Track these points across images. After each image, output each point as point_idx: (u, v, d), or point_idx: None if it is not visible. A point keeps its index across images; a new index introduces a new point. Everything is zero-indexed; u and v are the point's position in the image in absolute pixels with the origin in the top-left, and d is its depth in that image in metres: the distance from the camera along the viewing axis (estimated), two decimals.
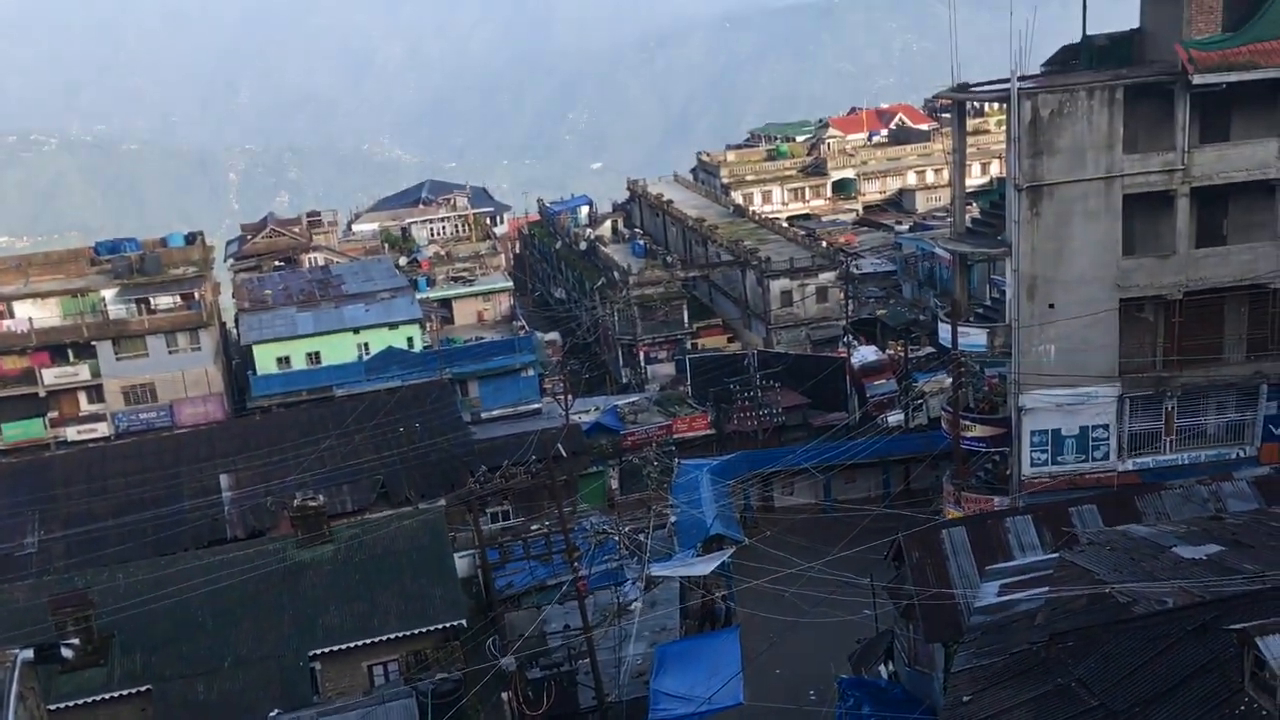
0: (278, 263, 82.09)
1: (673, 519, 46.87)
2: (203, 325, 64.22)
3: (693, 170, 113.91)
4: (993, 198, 50.84)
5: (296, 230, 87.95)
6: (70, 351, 63.21)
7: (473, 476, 48.67)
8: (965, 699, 21.03)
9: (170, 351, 63.77)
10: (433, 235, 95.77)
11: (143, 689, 30.74)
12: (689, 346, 74.88)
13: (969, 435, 42.82)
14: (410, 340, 65.01)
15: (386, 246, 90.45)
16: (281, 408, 60.84)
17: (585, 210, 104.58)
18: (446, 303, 78.09)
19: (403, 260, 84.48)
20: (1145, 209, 39.08)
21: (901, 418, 56.54)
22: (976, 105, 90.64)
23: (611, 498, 56.69)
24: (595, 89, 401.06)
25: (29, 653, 22.78)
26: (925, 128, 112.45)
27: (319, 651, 31.76)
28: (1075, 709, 19.02)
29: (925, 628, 29.60)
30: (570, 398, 62.45)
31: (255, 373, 63.34)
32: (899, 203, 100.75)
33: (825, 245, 78.89)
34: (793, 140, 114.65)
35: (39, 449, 60.44)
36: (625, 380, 75.77)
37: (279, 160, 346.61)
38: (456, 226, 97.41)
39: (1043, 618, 22.98)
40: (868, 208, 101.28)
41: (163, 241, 72.68)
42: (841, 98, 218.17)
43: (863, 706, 30.92)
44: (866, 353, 65.16)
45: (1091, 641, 20.54)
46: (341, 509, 47.40)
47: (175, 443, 54.66)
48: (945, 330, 42.86)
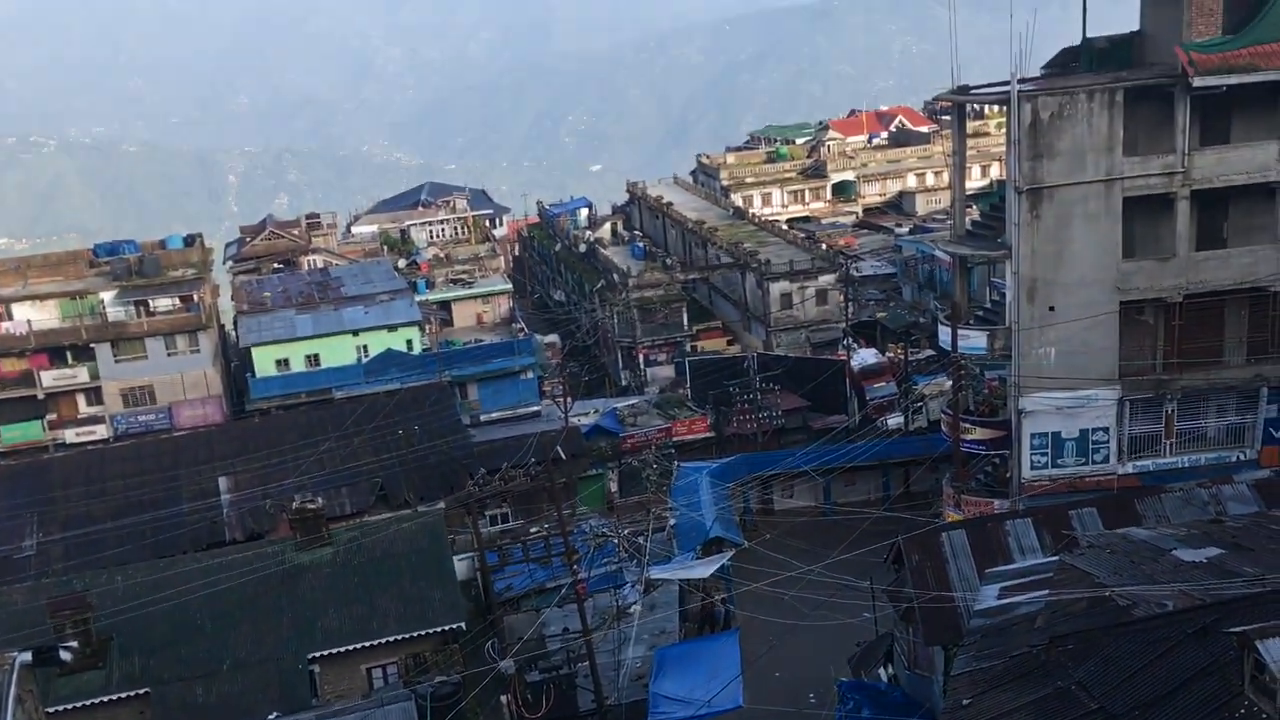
0: (277, 265, 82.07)
1: (672, 522, 46.83)
2: (201, 327, 64.19)
3: (692, 172, 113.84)
4: (993, 200, 50.78)
5: (295, 232, 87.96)
6: (69, 353, 63.18)
7: (472, 479, 48.73)
8: (965, 702, 21.01)
9: (169, 354, 63.74)
10: (432, 237, 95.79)
11: (141, 692, 30.78)
12: (688, 349, 74.84)
13: (969, 438, 42.81)
14: (409, 342, 65.01)
15: (385, 249, 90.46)
16: (280, 410, 60.82)
17: (585, 212, 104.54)
18: (446, 305, 78.15)
19: (402, 262, 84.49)
20: (1145, 212, 39.08)
21: (901, 420, 56.52)
22: (976, 108, 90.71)
23: (611, 500, 56.63)
24: (595, 91, 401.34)
25: (27, 655, 22.74)
26: (925, 130, 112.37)
27: (318, 654, 31.79)
28: (1075, 712, 18.99)
29: (925, 631, 29.59)
30: (569, 400, 62.39)
31: (254, 375, 63.34)
32: (899, 205, 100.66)
33: (825, 248, 78.86)
34: (792, 142, 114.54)
35: (37, 451, 60.41)
36: (625, 383, 75.73)
37: (278, 162, 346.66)
38: (456, 229, 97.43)
39: (1043, 621, 22.95)
40: (867, 210, 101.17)
41: (161, 244, 72.65)
42: (841, 100, 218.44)
43: (862, 709, 30.90)
44: (866, 355, 65.15)
45: (1091, 644, 20.51)
46: (340, 511, 47.37)
47: (174, 445, 54.64)
48: (945, 333, 42.86)
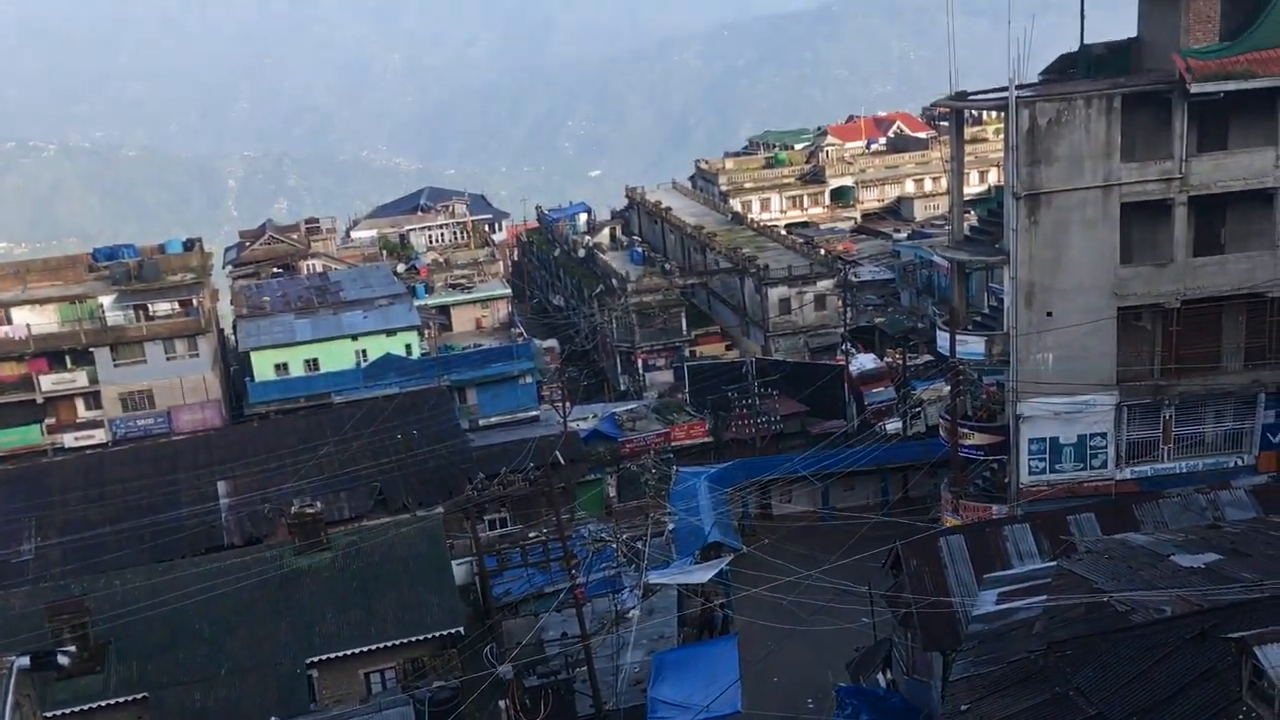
0: (276, 269, 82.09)
1: (671, 527, 46.82)
2: (201, 332, 64.17)
3: (691, 178, 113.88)
4: (991, 206, 50.85)
5: (295, 237, 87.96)
6: (68, 358, 63.13)
7: (470, 484, 48.87)
8: (963, 707, 21.01)
9: (168, 358, 63.69)
10: (431, 242, 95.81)
11: (139, 696, 30.79)
12: (687, 354, 74.85)
13: (967, 443, 42.83)
14: (408, 347, 65.01)
15: (385, 253, 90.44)
16: (279, 414, 60.75)
17: (584, 217, 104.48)
18: (445, 310, 78.17)
19: (401, 267, 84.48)
20: (1143, 217, 39.13)
21: (900, 425, 56.53)
22: (975, 113, 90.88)
23: (609, 505, 56.60)
24: (594, 97, 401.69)
25: (25, 660, 22.74)
26: (923, 136, 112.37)
27: (316, 659, 31.80)
28: (1073, 717, 19.00)
29: (923, 636, 29.60)
30: (568, 405, 62.40)
31: (253, 379, 63.32)
32: (897, 210, 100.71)
33: (823, 253, 78.88)
34: (791, 148, 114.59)
35: (36, 455, 60.37)
36: (623, 388, 75.74)
37: (278, 167, 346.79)
38: (455, 233, 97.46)
39: (1041, 626, 22.95)
40: (866, 215, 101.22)
41: (161, 248, 72.61)
42: (839, 105, 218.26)
43: (860, 715, 30.87)
44: (865, 360, 65.14)
45: (1089, 650, 20.52)
46: (339, 516, 47.38)
47: (173, 449, 54.59)
48: (943, 338, 42.88)
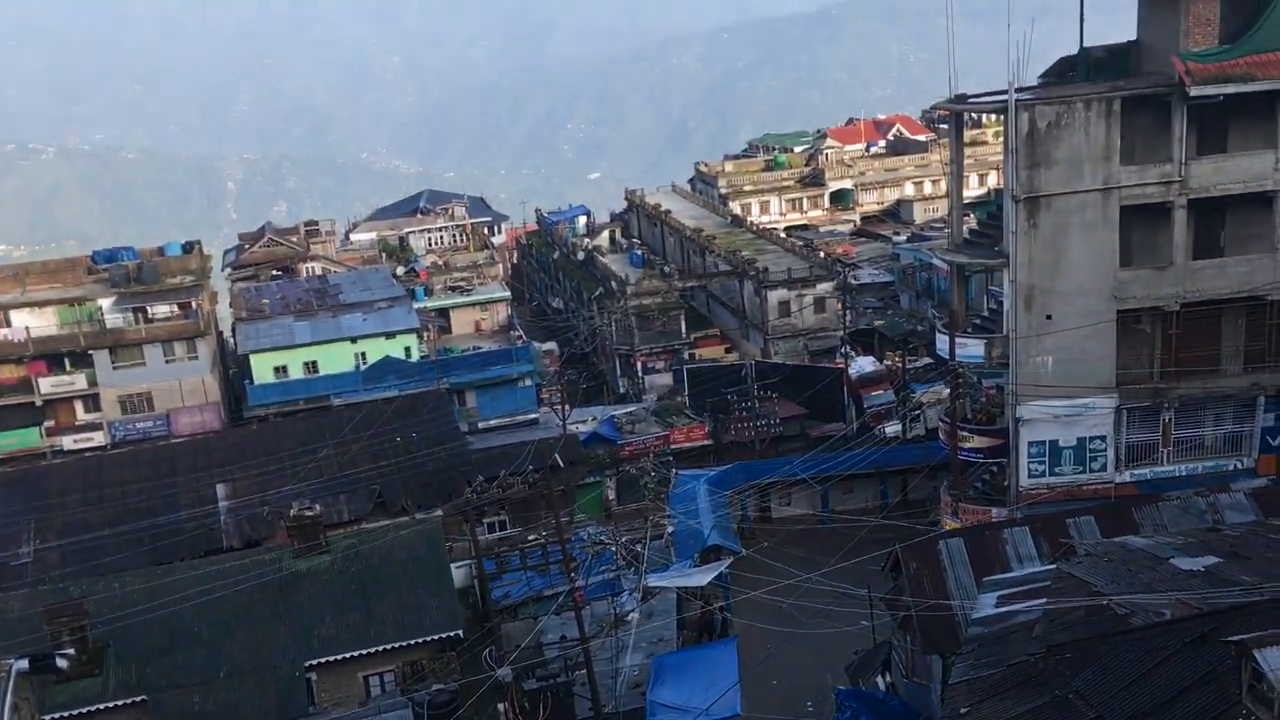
0: (275, 272, 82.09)
1: (670, 529, 46.82)
2: (200, 334, 64.13)
3: (690, 180, 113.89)
4: (990, 209, 50.83)
5: (294, 239, 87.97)
6: (67, 360, 63.10)
7: (470, 486, 48.88)
8: (962, 710, 21.00)
9: (167, 361, 63.64)
10: (430, 245, 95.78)
11: (138, 699, 30.76)
12: (686, 357, 74.85)
13: (967, 446, 42.82)
14: (407, 350, 65.00)
15: (384, 256, 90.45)
16: (278, 417, 60.72)
17: (583, 220, 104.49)
18: (444, 312, 78.14)
19: (400, 270, 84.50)
20: (1142, 220, 39.13)
21: (899, 428, 56.51)
22: (974, 116, 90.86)
23: (609, 508, 56.59)
24: (593, 99, 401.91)
25: (24, 663, 22.73)
26: (923, 138, 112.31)
27: (315, 662, 31.77)
28: None
29: (923, 639, 29.59)
30: (567, 408, 62.40)
31: (252, 382, 63.30)
32: (897, 213, 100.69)
33: (823, 256, 78.89)
34: (790, 151, 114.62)
35: (35, 458, 60.32)
36: (623, 390, 75.72)
37: (277, 169, 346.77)
38: (454, 236, 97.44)
39: (1040, 629, 22.95)
40: (865, 218, 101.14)
41: (160, 250, 72.62)
42: (839, 108, 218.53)
43: (860, 718, 30.86)
44: (864, 363, 65.12)
45: (1089, 653, 20.51)
46: (338, 519, 47.41)
47: (171, 452, 54.61)
48: (943, 341, 42.87)
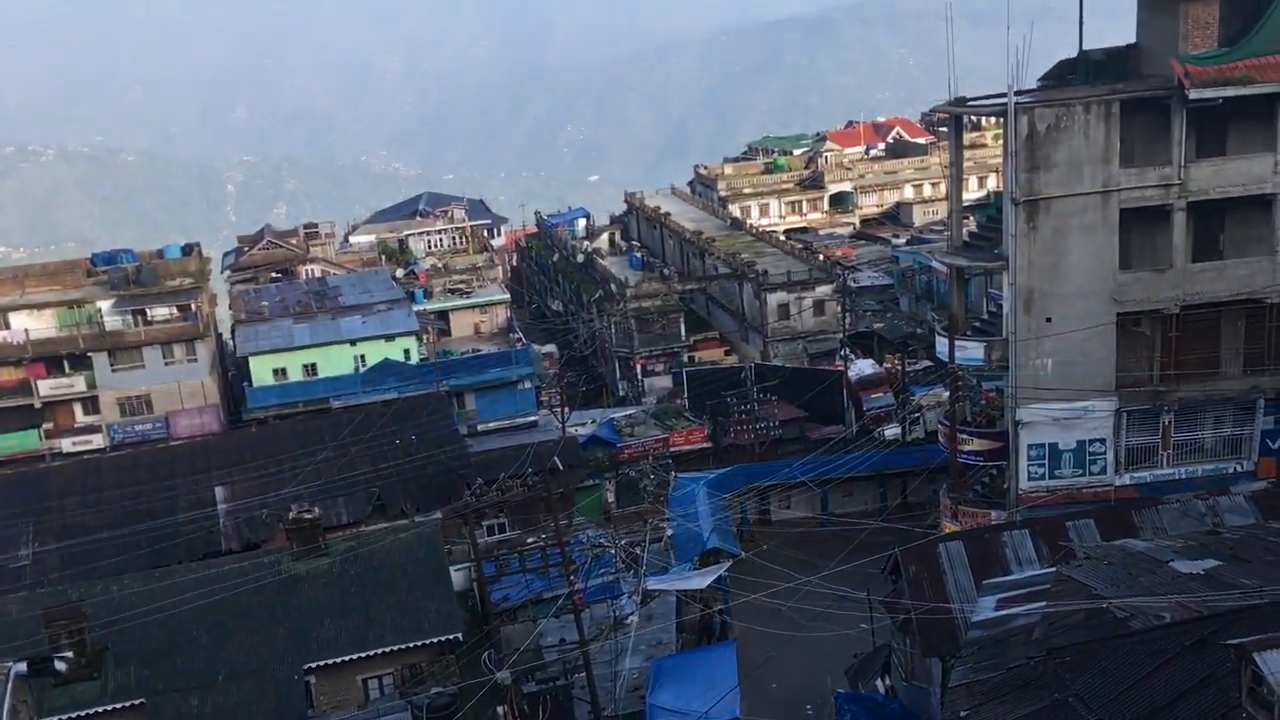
0: (274, 274, 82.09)
1: (669, 532, 46.79)
2: (199, 337, 64.09)
3: (690, 183, 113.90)
4: (990, 211, 50.88)
5: (293, 242, 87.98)
6: (66, 363, 63.05)
7: (469, 489, 48.76)
8: (962, 714, 20.99)
9: (166, 363, 63.59)
10: (430, 247, 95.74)
11: (136, 702, 30.71)
12: (686, 359, 74.85)
13: (966, 449, 42.79)
14: (407, 352, 64.97)
15: (384, 258, 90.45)
16: (277, 419, 60.65)
17: (582, 223, 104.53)
18: (443, 315, 78.15)
19: (400, 272, 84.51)
20: (1142, 223, 39.13)
21: (899, 431, 56.43)
22: (973, 119, 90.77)
23: (608, 511, 56.57)
24: (592, 102, 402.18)
25: (22, 665, 22.70)
26: (922, 141, 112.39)
27: (314, 665, 31.71)
28: None
29: (922, 642, 29.57)
30: (567, 410, 62.38)
31: (251, 384, 63.26)
32: (896, 216, 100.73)
33: (822, 258, 78.94)
34: (790, 154, 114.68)
35: (34, 460, 60.23)
36: (622, 393, 75.70)
37: (276, 172, 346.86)
38: (454, 239, 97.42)
39: (1040, 632, 22.93)
40: (865, 221, 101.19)
41: (159, 253, 72.60)
42: (838, 111, 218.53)
43: None
44: (864, 366, 65.10)
45: (1089, 656, 20.49)
46: (337, 521, 47.35)
47: (170, 455, 54.58)
48: (942, 344, 42.86)
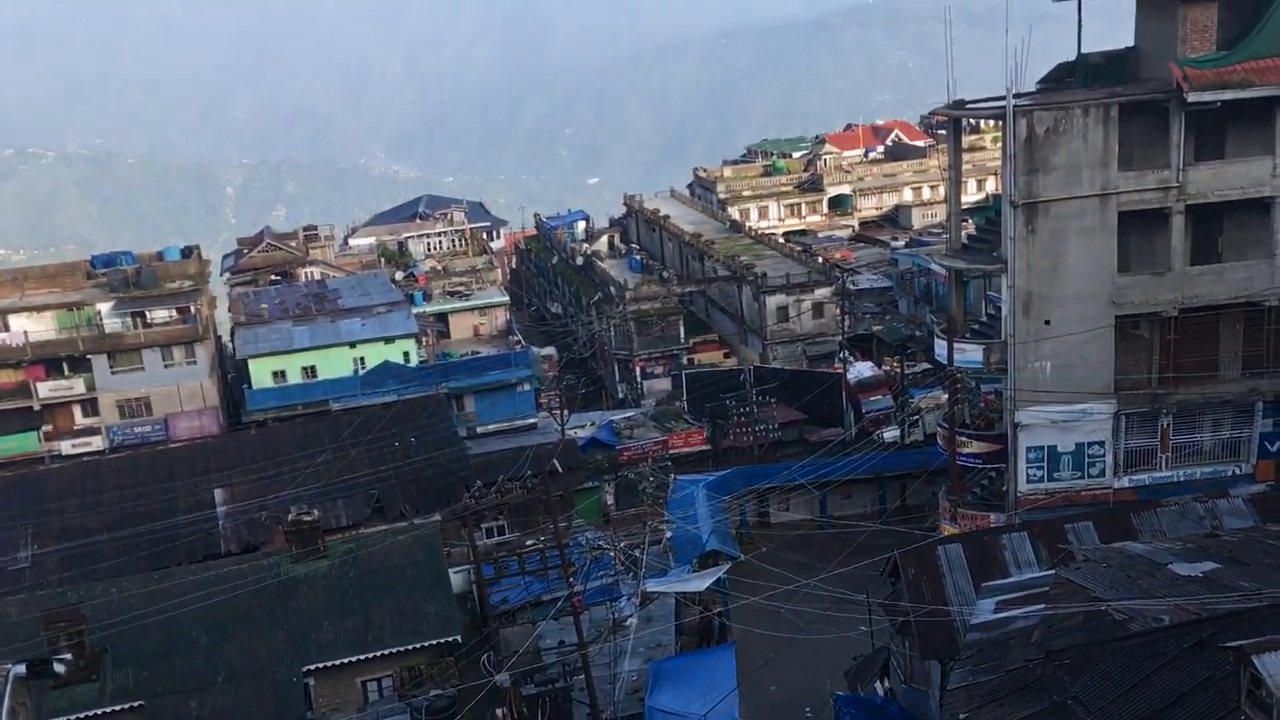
0: (274, 277, 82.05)
1: (668, 535, 46.79)
2: (198, 339, 64.11)
3: (689, 186, 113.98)
4: (988, 214, 50.91)
5: (293, 244, 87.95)
6: (65, 365, 63.04)
7: (468, 491, 48.67)
8: (961, 716, 20.99)
9: (165, 365, 63.62)
10: (429, 250, 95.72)
11: (135, 705, 30.69)
12: (685, 362, 74.88)
13: (965, 451, 42.81)
14: (406, 355, 64.95)
15: (383, 261, 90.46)
16: (277, 422, 60.63)
17: (582, 225, 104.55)
18: (443, 317, 78.11)
19: (399, 274, 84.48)
20: (1140, 226, 39.18)
21: (897, 434, 56.49)
22: (972, 122, 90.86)
23: (607, 513, 56.59)
24: (592, 104, 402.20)
25: (21, 668, 22.75)
26: (921, 144, 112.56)
27: (313, 667, 31.70)
28: None
29: (921, 644, 29.57)
30: (566, 413, 62.39)
31: (250, 387, 63.22)
32: (895, 219, 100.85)
33: (821, 261, 79.00)
34: (789, 156, 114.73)
35: (33, 463, 60.20)
36: (621, 395, 75.72)
37: (276, 174, 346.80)
38: (453, 241, 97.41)
39: (1039, 635, 22.95)
40: (864, 224, 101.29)
41: (159, 255, 72.60)
42: (838, 114, 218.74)
43: None
44: (863, 368, 65.15)
45: (1088, 659, 20.50)
46: (336, 524, 47.33)
47: (170, 457, 54.58)
48: (941, 346, 42.91)
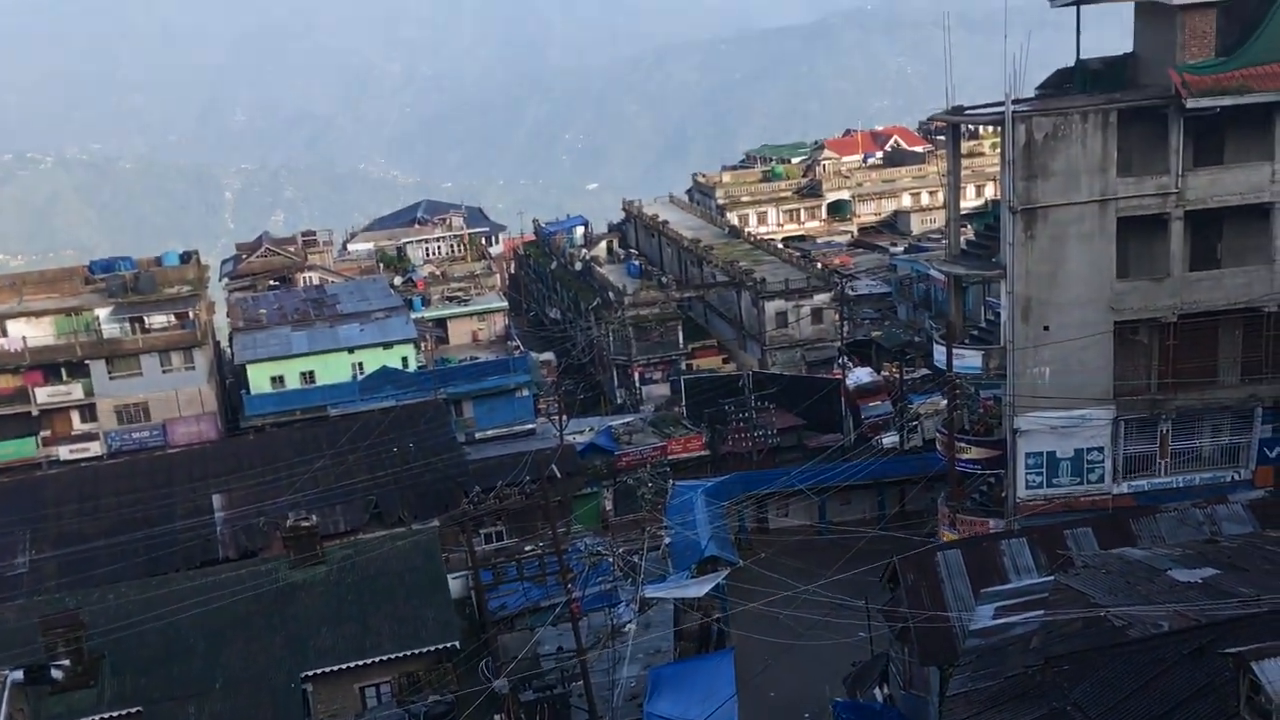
0: (272, 282, 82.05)
1: (667, 540, 46.72)
2: (197, 344, 64.11)
3: (688, 191, 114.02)
4: (987, 220, 50.85)
5: (291, 249, 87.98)
6: (63, 370, 63.03)
7: (466, 497, 48.76)
8: None
9: (164, 371, 63.62)
10: (428, 255, 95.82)
11: (133, 710, 30.66)
12: (684, 367, 74.86)
13: (964, 457, 42.78)
14: (405, 360, 64.97)
15: (382, 266, 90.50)
16: (275, 427, 60.69)
17: (580, 230, 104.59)
18: (441, 322, 78.16)
19: (398, 280, 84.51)
20: (1139, 232, 39.21)
21: (896, 439, 56.45)
22: (971, 128, 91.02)
23: (606, 519, 56.49)
24: (591, 109, 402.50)
25: (19, 673, 22.72)
26: (920, 150, 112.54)
27: (311, 673, 31.69)
28: None
29: (920, 650, 29.57)
30: (565, 418, 62.33)
31: (249, 392, 63.22)
32: (894, 224, 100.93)
33: (820, 266, 78.99)
34: (788, 161, 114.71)
35: (31, 468, 60.20)
36: (620, 401, 75.67)
37: (275, 179, 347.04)
38: (452, 246, 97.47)
39: (1038, 641, 22.92)
40: (863, 229, 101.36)
41: (157, 260, 72.56)
42: (836, 119, 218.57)
43: None
44: (861, 374, 65.14)
45: (1087, 665, 20.48)
46: (334, 529, 47.25)
47: (168, 462, 54.53)
48: (940, 352, 42.92)
